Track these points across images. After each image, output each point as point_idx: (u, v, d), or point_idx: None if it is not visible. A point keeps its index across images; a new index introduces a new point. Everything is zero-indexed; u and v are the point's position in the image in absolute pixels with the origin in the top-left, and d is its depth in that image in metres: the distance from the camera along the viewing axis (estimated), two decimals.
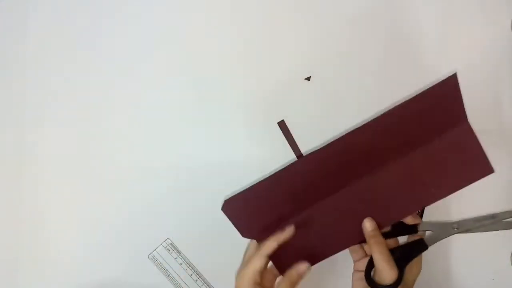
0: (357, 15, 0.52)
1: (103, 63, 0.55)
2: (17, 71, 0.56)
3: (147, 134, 0.56)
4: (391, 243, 0.49)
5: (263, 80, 0.54)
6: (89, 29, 0.55)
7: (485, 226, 0.50)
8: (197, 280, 0.57)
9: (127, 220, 0.56)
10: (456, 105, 0.48)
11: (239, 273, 0.50)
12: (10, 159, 0.57)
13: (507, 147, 0.51)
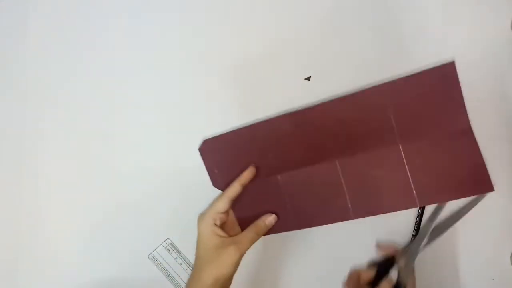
0: (357, 15, 0.52)
1: (103, 63, 0.55)
2: (17, 71, 0.56)
3: (147, 134, 0.56)
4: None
5: (263, 80, 0.54)
6: (89, 29, 0.55)
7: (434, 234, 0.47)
8: None
9: (127, 220, 0.56)
10: (455, 99, 0.47)
11: (201, 214, 0.50)
12: (10, 159, 0.57)
13: (506, 147, 0.51)
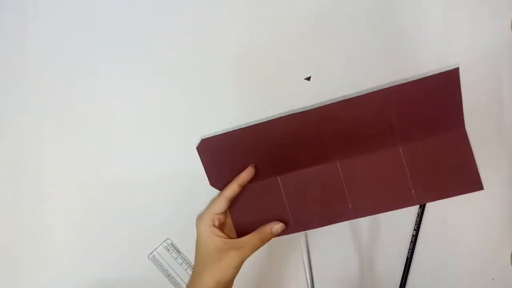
0: (357, 15, 0.52)
1: (103, 63, 0.55)
2: (17, 71, 0.56)
3: (147, 134, 0.56)
4: None
5: (263, 80, 0.54)
6: (89, 29, 0.55)
7: None
8: None
9: (127, 220, 0.56)
10: (454, 104, 0.48)
11: (199, 215, 0.50)
12: (10, 159, 0.57)
13: (506, 147, 0.51)
